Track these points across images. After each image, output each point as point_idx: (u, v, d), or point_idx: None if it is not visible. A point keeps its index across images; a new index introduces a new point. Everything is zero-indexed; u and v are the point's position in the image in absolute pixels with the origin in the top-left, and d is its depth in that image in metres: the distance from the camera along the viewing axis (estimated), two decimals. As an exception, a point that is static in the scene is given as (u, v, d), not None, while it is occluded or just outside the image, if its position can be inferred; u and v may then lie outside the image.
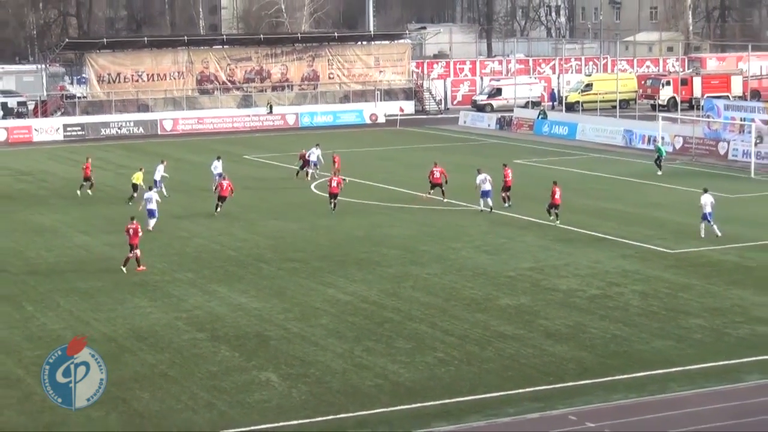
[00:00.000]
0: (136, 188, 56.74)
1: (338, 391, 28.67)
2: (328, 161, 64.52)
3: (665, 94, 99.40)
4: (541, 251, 44.74)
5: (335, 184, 54.36)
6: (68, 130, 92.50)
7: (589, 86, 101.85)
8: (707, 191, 47.11)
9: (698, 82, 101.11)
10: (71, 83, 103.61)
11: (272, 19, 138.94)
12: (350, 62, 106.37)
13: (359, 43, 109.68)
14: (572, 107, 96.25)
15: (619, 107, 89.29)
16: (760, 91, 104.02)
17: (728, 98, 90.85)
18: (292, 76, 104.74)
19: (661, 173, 64.75)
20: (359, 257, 44.22)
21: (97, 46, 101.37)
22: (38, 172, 71.02)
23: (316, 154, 64.88)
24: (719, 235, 45.67)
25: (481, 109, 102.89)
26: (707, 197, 46.34)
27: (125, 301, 37.89)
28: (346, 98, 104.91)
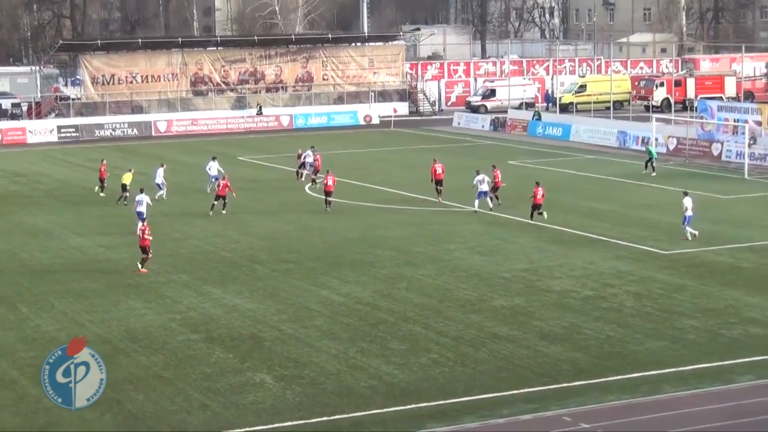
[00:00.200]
0: (125, 188, 56.81)
1: (332, 392, 28.69)
2: (325, 163, 64.42)
3: (659, 95, 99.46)
4: (535, 252, 44.78)
5: (330, 182, 54.52)
6: (62, 131, 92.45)
7: (582, 87, 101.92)
8: (688, 194, 47.17)
9: (692, 83, 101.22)
10: (65, 85, 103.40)
11: (266, 20, 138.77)
12: (344, 64, 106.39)
13: (353, 44, 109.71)
14: (566, 108, 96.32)
15: (612, 108, 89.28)
16: (753, 92, 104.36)
17: (722, 99, 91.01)
18: (286, 77, 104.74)
19: (654, 174, 64.79)
20: (353, 258, 44.24)
21: (91, 47, 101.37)
22: (32, 173, 70.96)
23: (311, 156, 64.87)
24: (690, 239, 45.59)
25: (475, 110, 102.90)
26: (689, 200, 46.33)
27: (119, 302, 37.89)
28: (340, 99, 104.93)
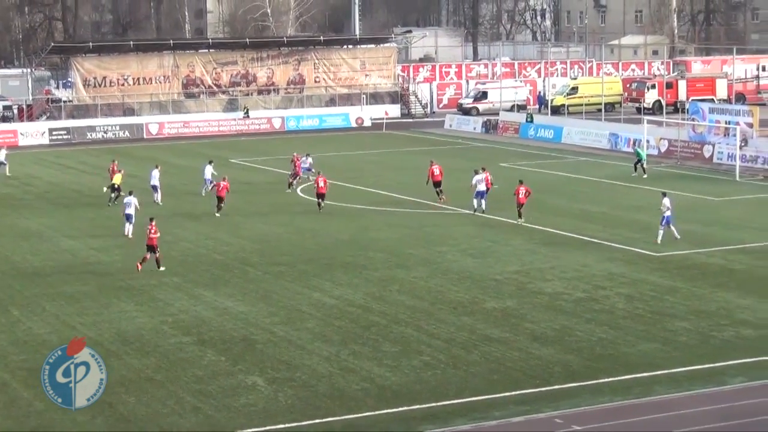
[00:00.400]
0: (113, 189, 56.90)
1: (324, 394, 28.68)
2: (317, 166, 64.38)
3: (650, 97, 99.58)
4: (527, 254, 44.81)
5: (322, 184, 54.78)
6: (54, 134, 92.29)
7: (574, 90, 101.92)
8: (666, 194, 47.14)
9: (683, 85, 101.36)
10: (57, 87, 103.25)
11: (258, 22, 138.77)
12: (336, 66, 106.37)
13: (345, 46, 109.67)
14: (558, 110, 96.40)
15: (604, 110, 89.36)
16: (744, 94, 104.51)
17: (713, 101, 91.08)
18: (277, 79, 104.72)
19: (645, 176, 64.85)
20: (345, 261, 44.23)
21: (82, 50, 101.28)
22: (24, 176, 70.81)
23: (308, 161, 64.69)
24: (659, 242, 45.58)
25: (466, 112, 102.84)
26: (667, 201, 46.29)
27: (111, 305, 37.85)
28: (332, 102, 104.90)
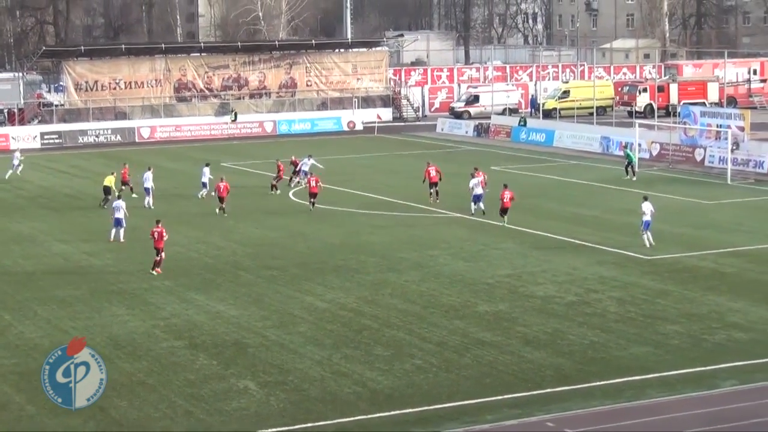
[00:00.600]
0: (107, 191, 56.90)
1: (316, 398, 28.67)
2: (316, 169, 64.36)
3: (642, 100, 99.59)
4: (518, 258, 44.84)
5: (314, 184, 55.40)
6: (45, 138, 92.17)
7: (566, 93, 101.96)
8: (647, 199, 47.17)
9: (675, 88, 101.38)
10: (48, 91, 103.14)
11: (250, 26, 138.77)
12: (328, 70, 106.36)
13: (337, 50, 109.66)
14: (549, 114, 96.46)
15: (596, 114, 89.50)
16: (736, 97, 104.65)
17: (705, 105, 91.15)
18: (269, 83, 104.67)
19: (635, 179, 64.91)
20: (337, 264, 44.23)
21: (74, 53, 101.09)
22: (15, 180, 70.67)
23: (308, 164, 64.61)
24: (649, 245, 45.61)
25: (458, 116, 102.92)
26: (647, 205, 46.34)
27: (103, 309, 37.81)
28: (323, 105, 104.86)
